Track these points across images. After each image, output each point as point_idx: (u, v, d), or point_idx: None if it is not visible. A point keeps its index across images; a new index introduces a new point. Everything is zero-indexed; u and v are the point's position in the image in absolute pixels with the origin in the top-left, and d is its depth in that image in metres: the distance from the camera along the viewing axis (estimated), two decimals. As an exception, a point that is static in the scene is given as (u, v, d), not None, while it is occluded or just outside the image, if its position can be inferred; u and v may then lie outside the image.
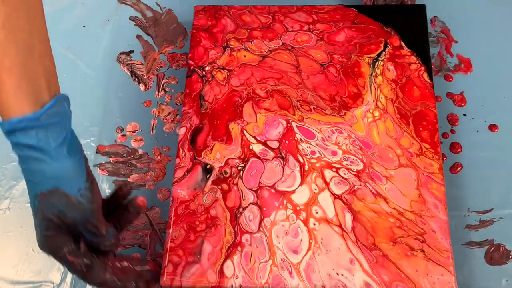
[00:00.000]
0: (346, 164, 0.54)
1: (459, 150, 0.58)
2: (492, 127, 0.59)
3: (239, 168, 0.55)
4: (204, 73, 0.61)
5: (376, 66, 0.60)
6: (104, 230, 0.44)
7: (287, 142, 0.56)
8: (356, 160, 0.54)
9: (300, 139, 0.56)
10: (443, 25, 0.66)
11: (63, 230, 0.43)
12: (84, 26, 0.70)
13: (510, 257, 0.53)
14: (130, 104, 0.64)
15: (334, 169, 0.54)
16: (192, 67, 0.61)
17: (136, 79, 0.66)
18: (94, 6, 0.72)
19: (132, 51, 0.68)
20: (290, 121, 0.57)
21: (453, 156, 0.58)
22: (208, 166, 0.55)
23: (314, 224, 0.51)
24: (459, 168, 0.57)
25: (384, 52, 0.60)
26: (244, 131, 0.57)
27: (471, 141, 0.59)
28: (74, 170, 0.42)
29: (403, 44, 0.61)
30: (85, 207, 0.43)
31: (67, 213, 0.42)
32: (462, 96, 0.61)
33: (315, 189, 0.53)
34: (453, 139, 0.59)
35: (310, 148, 0.55)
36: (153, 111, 0.63)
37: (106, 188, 0.59)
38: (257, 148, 0.56)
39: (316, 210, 0.52)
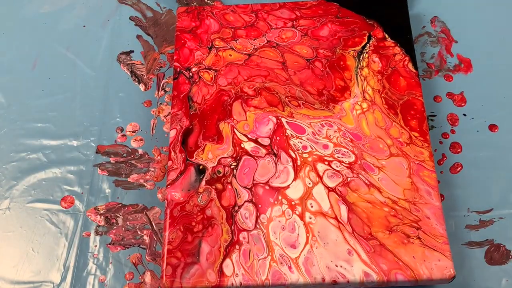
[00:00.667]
0: (338, 157, 0.55)
1: (459, 150, 0.59)
2: (492, 127, 0.60)
3: (232, 166, 0.55)
4: (190, 74, 0.61)
5: (361, 58, 0.60)
6: None
7: (278, 138, 0.56)
8: (347, 152, 0.55)
9: (291, 134, 0.56)
10: (443, 25, 0.66)
11: None
12: (84, 26, 0.70)
13: (510, 257, 0.53)
14: (130, 104, 0.64)
15: (326, 163, 0.54)
16: (178, 69, 0.61)
17: (136, 79, 0.65)
18: (94, 6, 0.71)
19: (132, 51, 0.68)
20: (279, 117, 0.57)
21: (453, 156, 0.59)
22: (201, 167, 0.55)
23: (310, 218, 0.52)
24: (459, 168, 0.58)
25: (368, 45, 0.61)
26: (235, 130, 0.57)
27: (471, 141, 0.59)
28: None
29: (387, 36, 0.61)
30: None
31: None
32: (462, 96, 0.62)
33: (309, 183, 0.53)
34: (453, 139, 0.59)
35: (301, 143, 0.56)
36: (153, 111, 0.63)
37: (106, 188, 0.59)
38: (248, 146, 0.56)
39: (311, 203, 0.52)
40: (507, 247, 0.54)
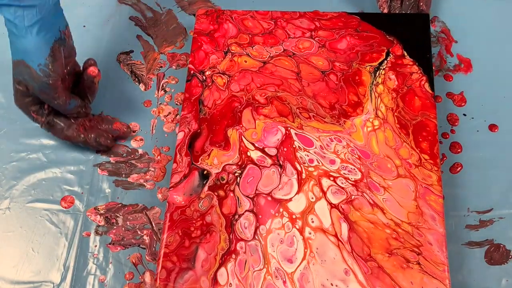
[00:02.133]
0: (344, 173, 0.54)
1: (459, 150, 0.58)
2: (492, 127, 0.59)
3: (236, 174, 0.54)
4: (204, 77, 0.60)
5: (377, 74, 0.59)
6: (62, 101, 0.55)
7: (285, 149, 0.55)
8: (354, 169, 0.54)
9: (299, 146, 0.55)
10: (443, 25, 0.66)
11: (31, 94, 0.55)
12: (84, 26, 0.70)
13: (510, 257, 0.53)
14: (130, 104, 0.64)
15: (331, 178, 0.53)
16: (192, 72, 0.61)
17: (136, 79, 0.65)
18: (94, 6, 0.72)
19: (132, 51, 0.68)
20: (289, 128, 0.56)
21: (453, 156, 0.58)
22: (205, 172, 0.55)
23: (310, 233, 0.51)
24: (459, 168, 0.57)
25: (386, 61, 0.60)
26: (243, 137, 0.56)
27: (471, 141, 0.59)
28: (37, 48, 0.52)
29: (405, 53, 0.60)
30: (43, 80, 0.53)
31: (29, 82, 0.53)
32: (462, 96, 0.61)
33: (312, 198, 0.53)
34: (453, 139, 0.59)
35: (308, 156, 0.55)
36: (153, 111, 0.63)
37: (106, 188, 0.59)
38: (255, 154, 0.55)
39: (312, 219, 0.52)
40: (507, 247, 0.53)
